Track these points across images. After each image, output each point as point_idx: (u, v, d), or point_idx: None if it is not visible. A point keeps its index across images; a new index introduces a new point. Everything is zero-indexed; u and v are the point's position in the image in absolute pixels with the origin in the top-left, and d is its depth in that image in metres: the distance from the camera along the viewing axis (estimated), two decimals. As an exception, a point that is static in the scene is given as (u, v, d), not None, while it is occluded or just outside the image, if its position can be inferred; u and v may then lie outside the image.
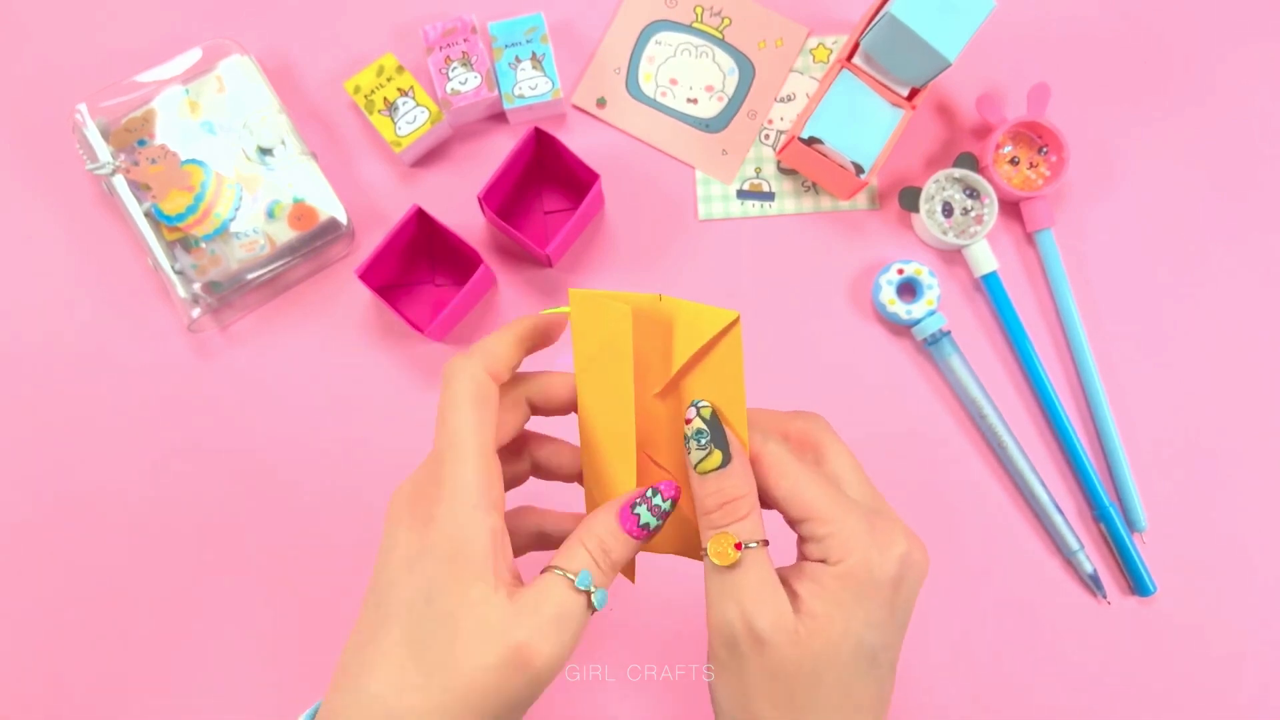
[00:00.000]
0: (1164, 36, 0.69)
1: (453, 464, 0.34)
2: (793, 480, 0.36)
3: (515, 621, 0.32)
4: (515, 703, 0.33)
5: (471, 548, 0.33)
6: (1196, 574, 0.64)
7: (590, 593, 0.34)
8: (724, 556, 0.35)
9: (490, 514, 0.33)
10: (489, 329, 0.66)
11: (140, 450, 0.65)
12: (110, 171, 0.63)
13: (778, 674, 0.34)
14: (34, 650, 0.63)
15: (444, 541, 0.33)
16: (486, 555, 0.33)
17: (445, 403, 0.35)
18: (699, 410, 0.36)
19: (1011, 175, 0.66)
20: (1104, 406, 0.65)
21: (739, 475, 0.36)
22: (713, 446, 0.36)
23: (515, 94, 0.65)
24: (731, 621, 0.34)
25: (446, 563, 0.33)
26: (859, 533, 0.34)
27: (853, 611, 0.34)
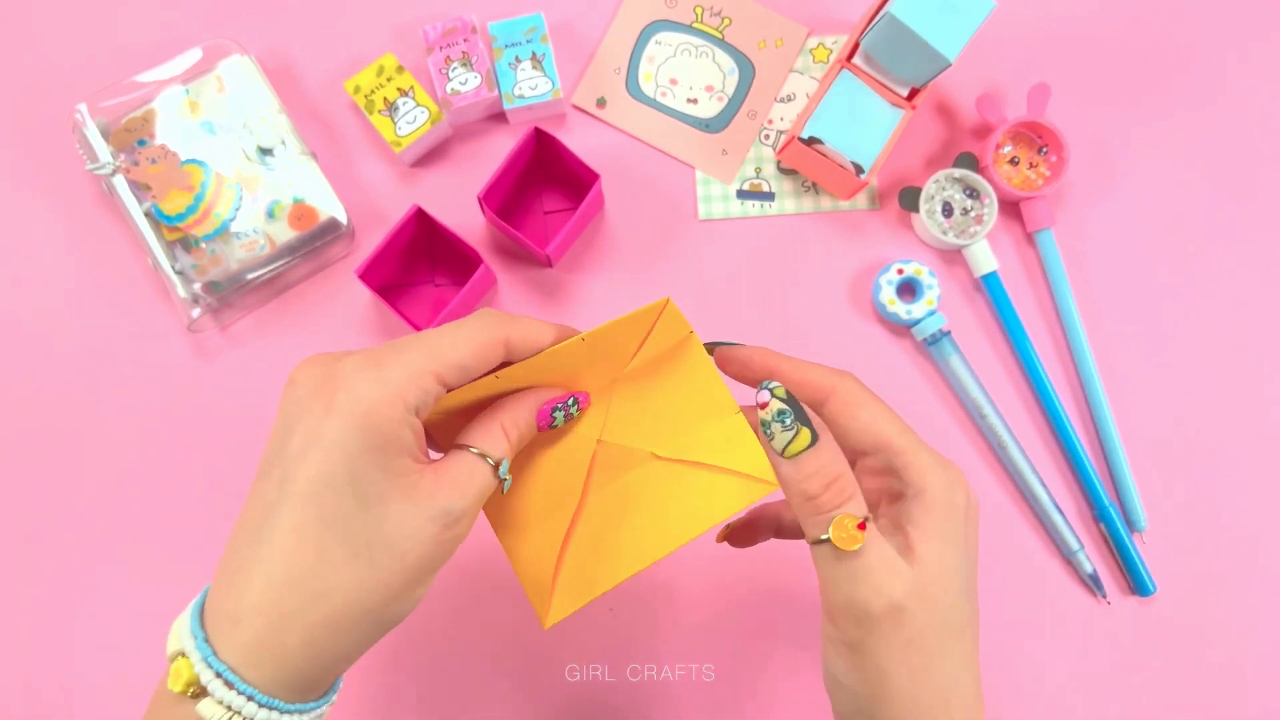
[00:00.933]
0: (1164, 36, 0.69)
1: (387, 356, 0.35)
2: (870, 412, 0.36)
3: (445, 495, 0.34)
4: (436, 564, 0.35)
5: (397, 441, 0.34)
6: (1196, 574, 0.64)
7: (505, 480, 0.37)
8: (852, 540, 0.33)
9: (412, 414, 0.34)
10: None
11: (140, 450, 0.65)
12: (110, 171, 0.63)
13: (915, 638, 0.34)
14: (34, 650, 0.63)
15: (367, 424, 0.33)
16: (408, 448, 0.34)
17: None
18: (773, 391, 0.35)
19: (1011, 175, 0.66)
20: (1104, 406, 0.65)
21: (832, 449, 0.35)
22: (799, 425, 0.34)
23: (515, 94, 0.65)
24: (867, 601, 0.34)
25: (371, 444, 0.33)
26: (932, 461, 0.36)
27: (950, 543, 0.35)
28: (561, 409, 0.39)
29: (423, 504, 0.34)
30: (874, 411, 0.36)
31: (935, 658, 0.34)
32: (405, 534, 0.33)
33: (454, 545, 0.35)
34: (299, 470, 0.33)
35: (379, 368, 0.34)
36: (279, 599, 0.33)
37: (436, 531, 0.34)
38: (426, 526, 0.34)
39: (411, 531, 0.33)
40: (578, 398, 0.39)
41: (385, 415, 0.33)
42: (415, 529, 0.34)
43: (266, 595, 0.33)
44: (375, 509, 0.33)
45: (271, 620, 0.33)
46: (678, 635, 0.63)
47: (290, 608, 0.33)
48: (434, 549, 0.34)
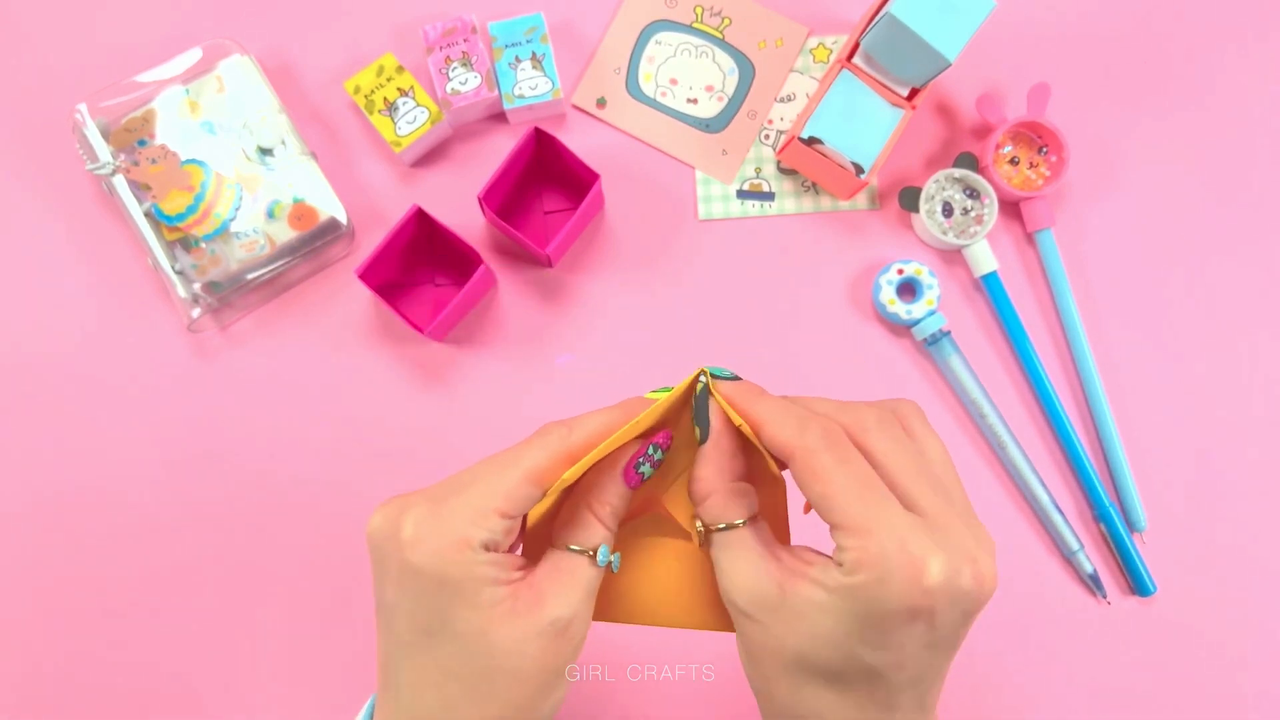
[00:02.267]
0: (1164, 36, 0.69)
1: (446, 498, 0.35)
2: (825, 484, 0.32)
3: (550, 606, 0.34)
4: (561, 669, 0.35)
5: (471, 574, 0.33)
6: (1196, 574, 0.64)
7: (611, 561, 0.36)
8: (696, 536, 0.37)
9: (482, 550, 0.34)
10: (489, 329, 0.66)
11: (140, 450, 0.65)
12: (110, 171, 0.63)
13: (765, 646, 0.34)
14: (34, 649, 0.63)
15: (442, 577, 0.33)
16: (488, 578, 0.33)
17: None
18: (698, 383, 0.36)
19: (1011, 175, 0.66)
20: (1104, 406, 0.65)
21: (704, 456, 0.36)
22: (694, 423, 0.36)
23: (515, 94, 0.65)
24: (725, 590, 0.36)
25: (451, 592, 0.33)
26: (888, 555, 0.31)
27: (848, 622, 0.32)
28: (645, 461, 0.37)
29: (528, 621, 0.34)
30: (830, 485, 0.32)
31: (774, 676, 0.35)
32: (519, 655, 0.33)
33: (575, 645, 0.35)
34: (398, 622, 0.34)
35: (440, 518, 0.34)
36: None
37: (548, 643, 0.34)
38: (537, 641, 0.34)
39: (523, 650, 0.33)
40: (658, 443, 0.37)
41: (455, 562, 0.33)
42: (526, 648, 0.33)
43: None
44: (477, 644, 0.33)
45: None
46: (678, 635, 0.63)
47: None
48: (554, 658, 0.34)
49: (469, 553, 0.33)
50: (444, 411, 0.65)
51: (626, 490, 0.37)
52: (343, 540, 0.64)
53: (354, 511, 0.64)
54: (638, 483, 0.37)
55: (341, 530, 0.64)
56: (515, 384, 0.65)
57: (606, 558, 0.36)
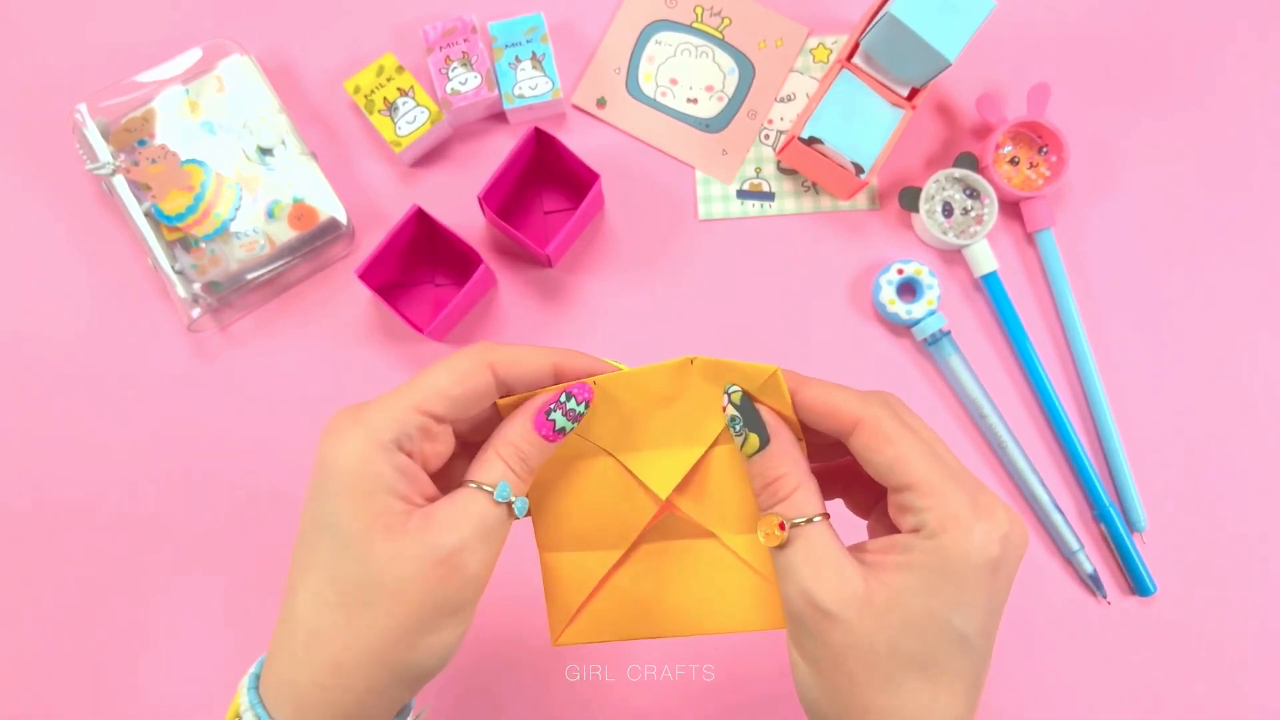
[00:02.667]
0: (1164, 36, 0.69)
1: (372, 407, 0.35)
2: (896, 447, 0.34)
3: (436, 531, 0.33)
4: (445, 607, 0.34)
5: (373, 479, 0.33)
6: (1196, 574, 0.64)
7: (510, 503, 0.35)
8: (771, 537, 0.35)
9: (391, 450, 0.34)
10: (488, 329, 0.66)
11: (140, 449, 0.65)
12: (110, 171, 0.63)
13: (853, 646, 0.33)
14: (33, 648, 0.63)
15: (341, 468, 0.33)
16: (387, 485, 0.33)
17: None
18: (729, 396, 0.36)
19: (1011, 175, 0.66)
20: (1104, 406, 0.65)
21: (778, 454, 0.35)
22: (747, 431, 0.36)
23: (515, 94, 0.65)
24: (793, 598, 0.34)
25: (346, 487, 0.33)
26: (962, 509, 0.33)
27: (940, 590, 0.32)
28: (557, 409, 0.36)
29: (411, 540, 0.33)
30: (901, 448, 0.34)
31: (864, 680, 0.33)
32: (396, 573, 0.33)
33: (462, 585, 0.34)
34: (302, 519, 0.35)
35: (358, 412, 0.34)
36: (293, 648, 0.34)
37: (430, 568, 0.33)
38: (417, 563, 0.33)
39: (402, 570, 0.33)
40: (572, 391, 0.36)
41: (358, 455, 0.33)
42: (405, 567, 0.33)
43: (284, 643, 0.35)
44: (358, 549, 0.33)
45: (288, 668, 0.34)
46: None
47: (300, 655, 0.34)
48: (434, 587, 0.33)
49: (376, 449, 0.33)
50: (444, 411, 0.65)
51: (535, 436, 0.36)
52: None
53: (354, 511, 0.64)
54: (549, 432, 0.36)
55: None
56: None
57: (506, 495, 0.35)
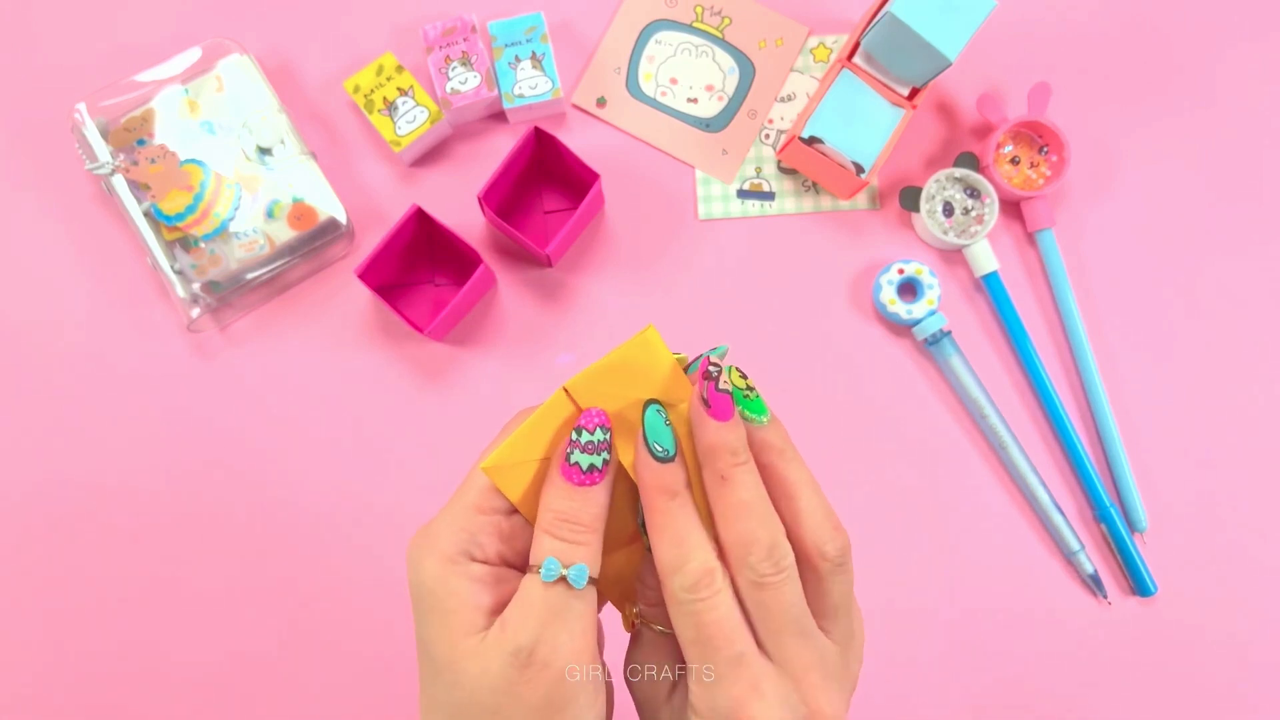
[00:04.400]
0: (1165, 36, 0.69)
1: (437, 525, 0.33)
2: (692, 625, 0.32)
3: (511, 634, 0.31)
4: (552, 706, 0.31)
5: (449, 599, 0.32)
6: (1197, 574, 0.64)
7: (563, 577, 0.32)
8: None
9: (463, 562, 0.32)
10: (488, 329, 0.66)
11: (140, 449, 0.64)
12: (109, 171, 0.63)
13: None
14: (32, 648, 0.63)
15: (420, 595, 0.32)
16: (466, 601, 0.32)
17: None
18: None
19: (1012, 175, 0.66)
20: (1105, 407, 0.65)
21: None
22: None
23: (515, 93, 0.65)
24: None
25: (430, 611, 0.32)
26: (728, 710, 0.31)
27: None
28: (573, 449, 0.33)
29: (491, 651, 0.31)
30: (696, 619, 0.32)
31: None
32: (488, 690, 0.31)
33: (556, 681, 0.31)
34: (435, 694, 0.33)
35: (428, 530, 0.33)
36: None
37: (515, 675, 0.31)
38: (503, 674, 0.31)
39: (490, 684, 0.31)
40: (581, 425, 0.33)
41: (434, 577, 0.32)
42: (492, 681, 0.31)
43: None
44: (450, 673, 0.31)
45: None
46: (678, 635, 0.63)
47: None
48: (527, 693, 0.31)
49: (448, 565, 0.32)
50: (444, 411, 0.65)
51: (572, 489, 0.32)
52: (342, 540, 0.64)
53: (353, 511, 0.64)
54: (579, 477, 0.32)
55: (341, 530, 0.64)
56: (515, 384, 0.65)
57: (553, 573, 0.31)
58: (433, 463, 0.64)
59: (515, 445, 0.33)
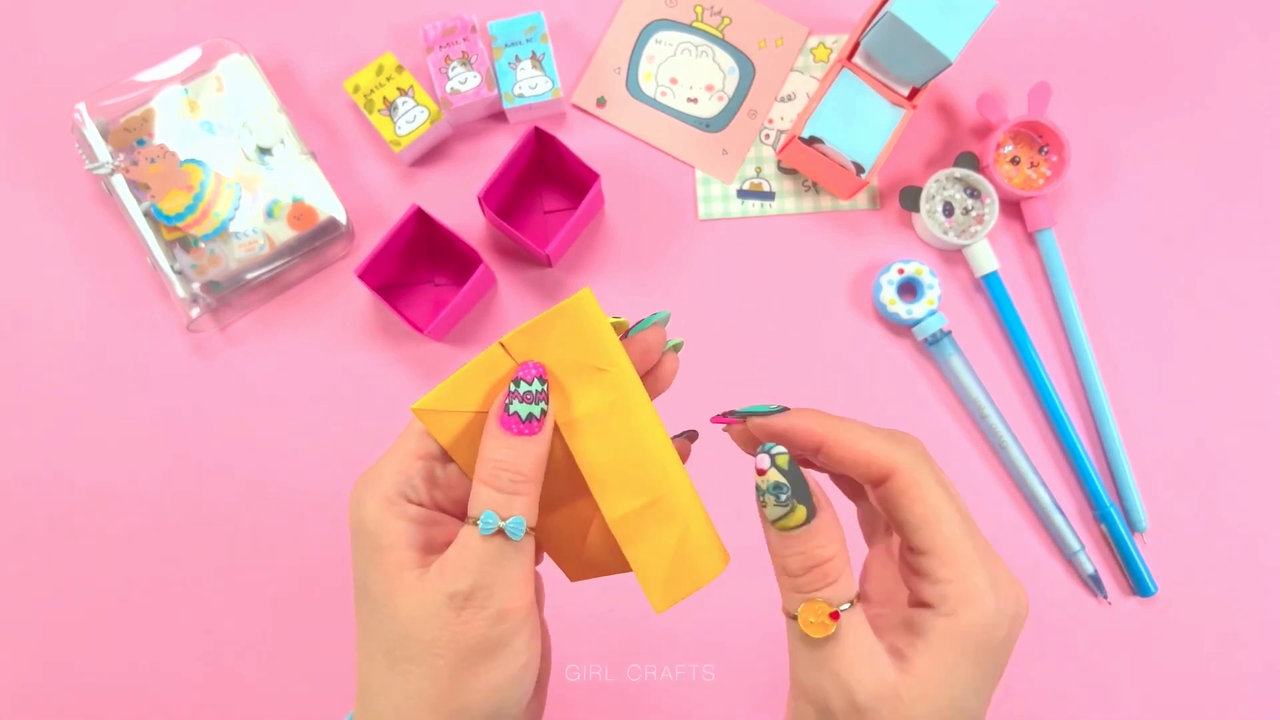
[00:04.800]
0: (1165, 36, 0.69)
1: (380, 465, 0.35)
2: (929, 508, 0.31)
3: (449, 577, 0.32)
4: (484, 647, 0.32)
5: (386, 536, 0.33)
6: (1197, 574, 0.64)
7: (501, 529, 0.32)
8: (820, 628, 0.31)
9: (400, 503, 0.34)
10: (488, 329, 0.66)
11: (140, 449, 0.64)
12: (109, 171, 0.63)
13: None
14: (33, 648, 0.63)
15: (360, 530, 0.34)
16: (401, 540, 0.33)
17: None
18: (774, 459, 0.31)
19: (1012, 175, 0.66)
20: (1105, 406, 0.65)
21: (827, 532, 0.31)
22: (795, 502, 0.31)
23: (515, 93, 0.65)
24: (828, 694, 0.31)
25: (368, 546, 0.33)
26: (983, 589, 0.31)
27: (961, 673, 0.31)
28: (512, 399, 0.33)
29: (427, 590, 0.32)
30: (934, 507, 0.31)
31: None
32: (423, 626, 0.32)
33: (491, 622, 0.32)
34: (368, 627, 0.34)
35: (369, 473, 0.34)
36: (365, 716, 0.34)
37: (452, 616, 0.31)
38: (439, 614, 0.32)
39: (427, 622, 0.32)
40: (519, 376, 0.33)
41: (372, 516, 0.33)
42: (429, 618, 0.32)
43: (360, 712, 0.35)
44: (387, 609, 0.32)
45: None
46: (678, 635, 0.63)
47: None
48: (461, 632, 0.32)
49: (387, 505, 0.33)
50: (444, 411, 0.65)
51: (510, 438, 0.32)
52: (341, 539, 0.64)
53: (353, 512, 0.64)
54: (518, 426, 0.32)
55: (340, 529, 0.64)
56: (515, 384, 0.65)
57: (490, 526, 0.32)
58: (433, 463, 0.64)
59: (448, 391, 0.34)
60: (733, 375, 0.65)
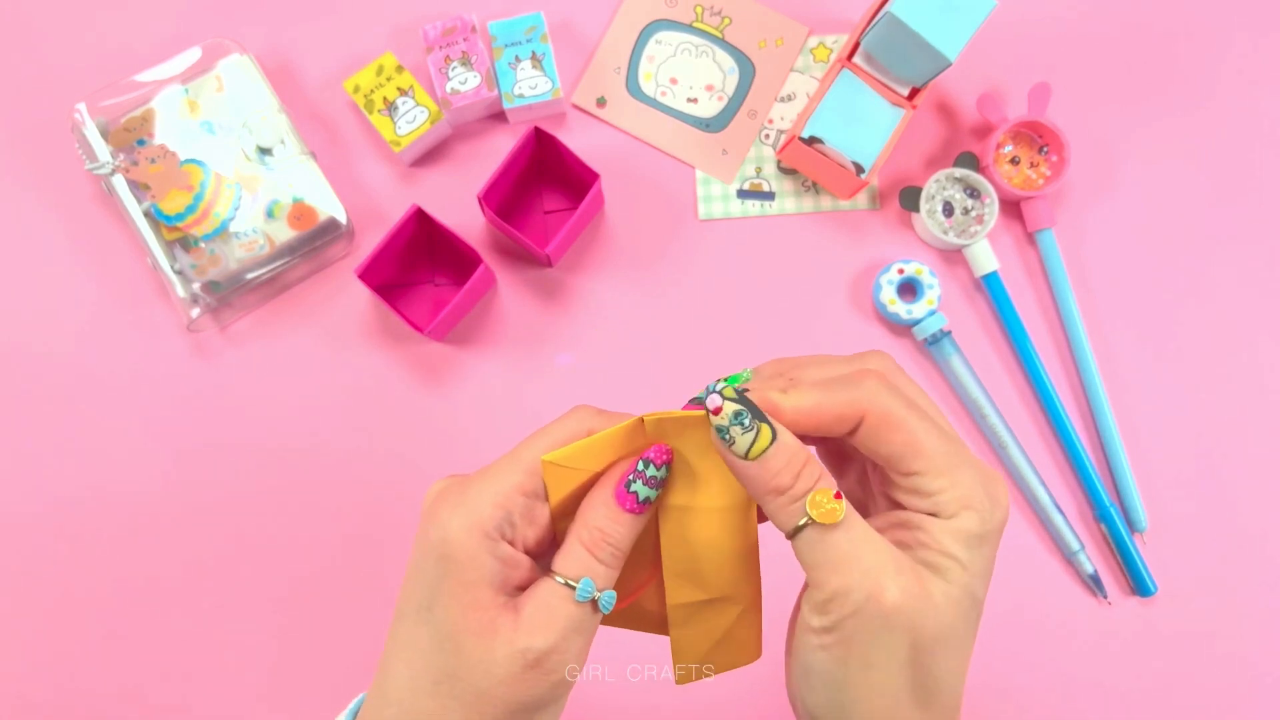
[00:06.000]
0: (1166, 36, 0.69)
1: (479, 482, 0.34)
2: (905, 433, 0.32)
3: (525, 633, 0.32)
4: (534, 706, 0.32)
5: (473, 571, 0.32)
6: (1197, 574, 0.64)
7: (595, 599, 0.33)
8: (833, 513, 0.31)
9: (495, 539, 0.33)
10: (488, 329, 0.66)
11: (140, 450, 0.64)
12: (109, 171, 0.63)
13: (908, 640, 0.31)
14: (33, 649, 0.63)
15: (444, 554, 0.33)
16: (486, 577, 0.32)
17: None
18: (721, 394, 0.32)
19: (1012, 175, 0.66)
20: (1104, 406, 0.65)
21: (793, 442, 0.32)
22: (757, 423, 0.32)
23: (515, 93, 0.65)
24: (852, 588, 0.31)
25: (446, 575, 0.32)
26: (974, 489, 0.32)
27: (972, 567, 0.32)
28: (636, 479, 0.33)
29: (500, 642, 0.32)
30: (912, 432, 0.32)
31: (926, 665, 0.32)
32: (485, 672, 0.32)
33: (552, 687, 0.32)
34: (405, 589, 0.34)
35: (463, 493, 0.33)
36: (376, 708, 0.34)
37: (518, 672, 0.32)
38: (505, 666, 0.32)
39: (490, 670, 0.32)
40: (649, 458, 0.34)
41: (462, 543, 0.32)
42: (495, 670, 0.32)
43: (376, 713, 0.34)
44: (452, 644, 0.32)
45: None
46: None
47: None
48: (523, 691, 0.32)
49: (479, 535, 0.32)
50: (444, 411, 0.65)
51: (620, 513, 0.33)
52: (342, 539, 0.64)
53: (353, 511, 0.64)
54: (633, 505, 0.33)
55: (341, 529, 0.64)
56: (515, 384, 0.65)
57: (588, 594, 0.32)
58: (433, 462, 0.64)
59: (581, 451, 0.34)
60: (733, 375, 0.65)
